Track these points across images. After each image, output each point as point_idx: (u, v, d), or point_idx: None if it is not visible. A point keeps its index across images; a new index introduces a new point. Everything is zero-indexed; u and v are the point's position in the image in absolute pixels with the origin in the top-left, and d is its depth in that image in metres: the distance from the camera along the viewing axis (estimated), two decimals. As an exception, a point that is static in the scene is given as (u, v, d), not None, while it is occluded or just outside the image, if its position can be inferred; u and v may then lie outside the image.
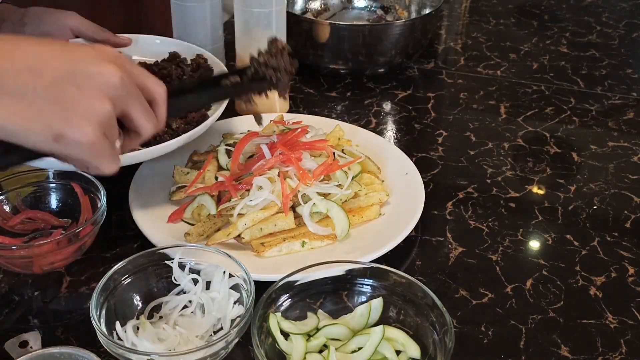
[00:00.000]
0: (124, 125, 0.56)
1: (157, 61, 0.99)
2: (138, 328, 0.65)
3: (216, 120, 0.87)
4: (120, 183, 0.84)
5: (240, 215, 0.77)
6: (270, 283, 0.64)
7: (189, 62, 0.98)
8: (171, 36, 1.07)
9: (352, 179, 0.82)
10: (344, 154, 0.87)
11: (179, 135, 0.82)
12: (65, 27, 0.96)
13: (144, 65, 0.97)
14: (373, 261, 0.71)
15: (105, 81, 0.52)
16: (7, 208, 0.77)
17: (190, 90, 0.70)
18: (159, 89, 0.58)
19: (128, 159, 0.77)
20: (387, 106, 1.12)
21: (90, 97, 0.50)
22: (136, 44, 1.02)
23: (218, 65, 0.97)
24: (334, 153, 0.85)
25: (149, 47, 1.03)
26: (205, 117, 0.87)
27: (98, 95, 0.51)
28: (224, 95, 0.80)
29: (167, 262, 0.69)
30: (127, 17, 1.19)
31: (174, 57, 0.99)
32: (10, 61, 0.49)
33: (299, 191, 0.78)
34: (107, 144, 0.52)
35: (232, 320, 0.66)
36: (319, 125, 0.92)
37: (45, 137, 0.50)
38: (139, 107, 0.55)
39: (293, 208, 0.79)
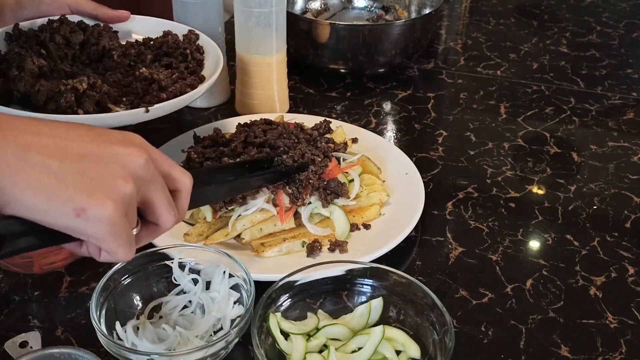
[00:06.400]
0: (143, 217, 0.54)
1: (149, 38, 0.98)
2: (138, 328, 0.65)
3: (215, 120, 0.87)
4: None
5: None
6: (270, 283, 0.64)
7: (181, 38, 0.98)
8: None
9: (350, 182, 0.82)
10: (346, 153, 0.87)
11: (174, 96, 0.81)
12: (63, 5, 0.95)
13: (140, 42, 0.97)
14: (373, 261, 0.71)
15: (131, 161, 0.50)
16: (7, 208, 0.77)
17: (213, 180, 0.69)
18: (185, 179, 0.55)
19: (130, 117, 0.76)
20: (387, 106, 1.12)
21: (115, 175, 0.49)
22: (131, 22, 1.01)
23: (210, 44, 0.96)
24: (337, 158, 0.85)
25: (144, 27, 1.01)
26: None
27: (123, 175, 0.49)
28: (249, 186, 0.75)
29: (167, 262, 0.69)
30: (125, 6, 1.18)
31: (167, 34, 0.98)
32: (36, 135, 0.47)
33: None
34: (126, 225, 0.50)
35: (232, 320, 0.66)
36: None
37: (66, 210, 0.47)
38: (161, 196, 0.53)
39: (293, 208, 0.79)
